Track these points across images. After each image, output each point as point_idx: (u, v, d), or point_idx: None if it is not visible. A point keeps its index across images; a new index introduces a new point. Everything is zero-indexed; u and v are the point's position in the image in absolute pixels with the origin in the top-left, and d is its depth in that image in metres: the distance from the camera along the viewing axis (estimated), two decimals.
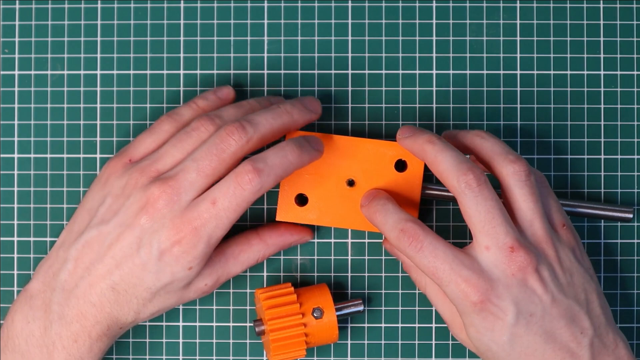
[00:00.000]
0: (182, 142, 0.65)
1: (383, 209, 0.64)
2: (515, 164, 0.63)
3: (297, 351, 0.67)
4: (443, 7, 0.72)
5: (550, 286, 0.61)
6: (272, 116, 0.65)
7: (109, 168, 0.66)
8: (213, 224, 0.63)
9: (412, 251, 0.62)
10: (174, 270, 0.63)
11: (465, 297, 0.61)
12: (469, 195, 0.62)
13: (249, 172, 0.62)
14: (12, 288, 0.72)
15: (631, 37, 0.72)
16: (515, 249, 0.61)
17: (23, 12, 0.72)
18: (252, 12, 0.72)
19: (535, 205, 0.63)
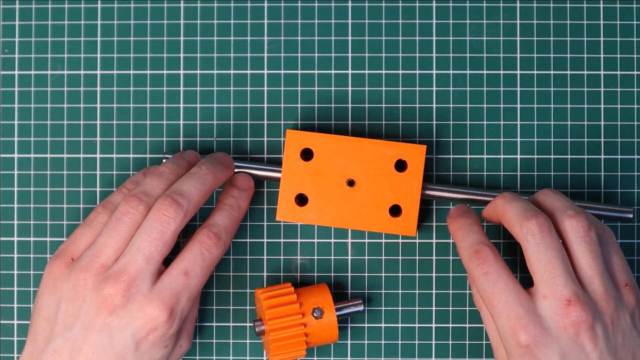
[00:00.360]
0: (116, 230, 0.63)
1: (468, 228, 0.65)
2: (573, 219, 0.63)
3: (297, 351, 0.67)
4: (443, 7, 0.72)
5: (601, 346, 0.61)
6: (199, 182, 0.65)
7: (53, 271, 0.64)
8: (186, 296, 0.63)
9: (477, 272, 0.62)
10: (152, 354, 0.63)
11: (513, 335, 0.61)
12: (531, 242, 0.62)
13: (211, 237, 0.64)
14: (12, 288, 0.72)
15: (631, 37, 0.72)
16: (572, 303, 0.60)
17: (23, 12, 0.72)
18: (252, 12, 0.72)
19: (595, 261, 0.62)
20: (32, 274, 0.72)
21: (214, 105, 0.72)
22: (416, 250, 0.71)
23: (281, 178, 0.68)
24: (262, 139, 0.72)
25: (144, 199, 0.64)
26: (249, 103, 0.72)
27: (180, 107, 0.72)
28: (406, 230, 0.68)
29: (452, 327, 0.71)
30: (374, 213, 0.68)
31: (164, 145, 0.72)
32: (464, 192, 0.69)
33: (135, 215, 0.64)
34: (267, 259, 0.72)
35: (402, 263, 0.71)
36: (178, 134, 0.72)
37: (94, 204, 0.72)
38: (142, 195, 0.64)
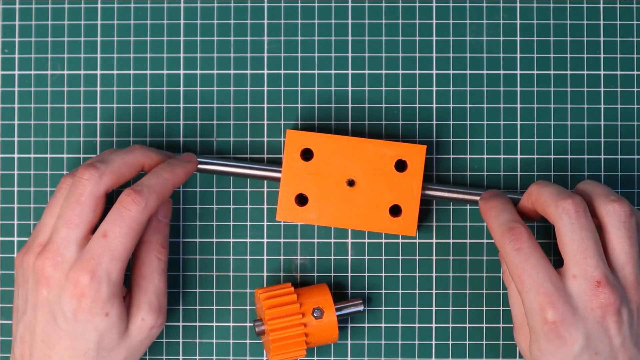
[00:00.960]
0: (51, 208, 0.65)
1: (501, 207, 0.65)
2: (616, 203, 0.63)
3: (297, 351, 0.67)
4: (443, 7, 0.72)
5: (625, 331, 0.61)
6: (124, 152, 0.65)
7: (15, 263, 0.66)
8: (108, 257, 0.62)
9: (510, 248, 0.62)
10: (95, 324, 0.62)
11: (540, 311, 0.61)
12: (566, 221, 0.62)
13: (129, 194, 0.63)
14: (12, 288, 0.72)
15: (631, 37, 0.72)
16: (602, 285, 0.60)
17: (23, 12, 0.72)
18: (252, 12, 0.72)
19: (631, 249, 0.62)
20: None
21: (214, 105, 0.72)
22: (416, 250, 0.71)
23: (281, 178, 0.68)
24: (262, 139, 0.72)
25: (72, 173, 0.65)
26: (249, 103, 0.72)
27: (180, 107, 0.72)
28: (406, 230, 0.68)
29: (452, 327, 0.71)
30: (374, 213, 0.68)
31: (164, 145, 0.72)
32: (464, 192, 0.69)
33: (65, 189, 0.65)
34: (267, 259, 0.72)
35: (402, 263, 0.71)
36: (178, 134, 0.72)
37: None
38: (73, 171, 0.66)
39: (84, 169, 0.63)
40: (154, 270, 0.66)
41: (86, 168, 0.63)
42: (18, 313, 0.65)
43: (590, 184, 0.66)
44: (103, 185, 0.63)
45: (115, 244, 0.62)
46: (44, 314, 0.63)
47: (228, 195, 0.71)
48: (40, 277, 0.63)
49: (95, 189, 0.63)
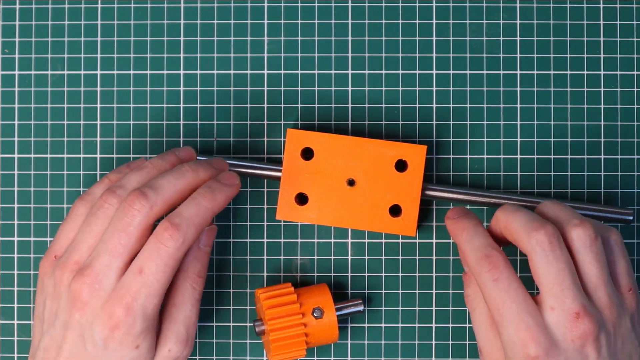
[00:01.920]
0: (91, 225, 0.63)
1: (473, 229, 0.64)
2: (579, 227, 0.62)
3: (297, 351, 0.67)
4: (443, 7, 0.72)
5: (604, 353, 0.61)
6: (175, 177, 0.63)
7: (41, 270, 0.65)
8: (144, 293, 0.61)
9: (487, 278, 0.61)
10: (123, 354, 0.62)
11: (522, 347, 0.60)
12: (540, 254, 0.61)
13: (167, 229, 0.61)
14: (12, 288, 0.72)
15: (631, 37, 0.72)
16: (580, 316, 0.60)
17: (23, 12, 0.72)
18: (252, 12, 0.72)
19: (600, 271, 0.62)
20: (32, 274, 0.72)
21: (214, 105, 0.72)
22: (416, 250, 0.71)
23: (281, 177, 0.68)
24: (262, 139, 0.72)
25: (118, 193, 0.63)
26: (249, 103, 0.72)
27: (181, 107, 0.72)
28: (406, 230, 0.68)
29: (452, 327, 0.71)
30: (374, 213, 0.68)
31: (164, 145, 0.72)
32: (464, 192, 0.69)
33: (109, 209, 0.63)
34: (267, 259, 0.72)
35: (402, 263, 0.71)
36: (178, 134, 0.72)
37: None
38: (118, 190, 0.63)
39: (134, 198, 0.61)
40: (187, 300, 0.64)
41: (137, 197, 0.61)
42: (44, 324, 0.64)
43: (550, 207, 0.65)
44: (153, 216, 0.62)
45: (151, 280, 0.61)
46: (73, 336, 0.62)
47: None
48: (75, 300, 0.62)
49: (144, 220, 0.62)
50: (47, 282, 0.64)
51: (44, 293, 0.64)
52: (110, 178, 0.66)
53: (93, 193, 0.66)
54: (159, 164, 0.65)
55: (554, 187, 0.71)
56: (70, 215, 0.65)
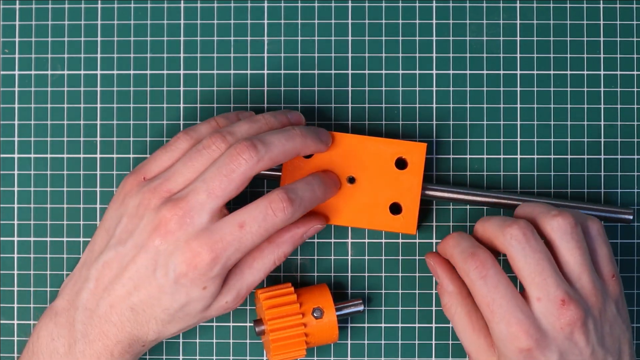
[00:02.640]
0: (193, 161, 0.64)
1: (458, 237, 0.65)
2: (559, 217, 0.63)
3: (297, 351, 0.67)
4: (443, 7, 0.72)
5: (592, 339, 0.62)
6: (286, 137, 0.64)
7: (125, 186, 0.66)
8: (234, 247, 0.62)
9: (475, 275, 0.62)
10: (189, 292, 0.63)
11: (513, 340, 0.61)
12: (516, 247, 0.62)
13: (284, 201, 0.63)
14: (12, 288, 0.72)
15: (631, 37, 0.72)
16: (566, 303, 0.61)
17: (23, 12, 0.72)
18: (252, 12, 0.72)
19: (582, 258, 0.63)
20: (32, 274, 0.72)
21: (214, 106, 0.72)
22: (416, 250, 0.71)
23: (281, 175, 0.68)
24: None
25: (227, 139, 0.64)
26: (249, 103, 0.72)
27: (181, 107, 0.72)
28: (406, 228, 0.68)
29: (452, 327, 0.71)
30: (374, 211, 0.68)
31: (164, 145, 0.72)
32: (464, 192, 0.69)
33: (215, 151, 0.64)
34: None
35: (402, 263, 0.71)
36: None
37: (94, 204, 0.72)
38: (228, 135, 0.64)
39: (245, 147, 0.62)
40: (263, 270, 0.66)
41: (247, 147, 0.62)
42: (112, 239, 0.65)
43: (527, 206, 0.66)
44: (257, 169, 0.63)
45: (247, 238, 0.63)
46: (146, 259, 0.63)
47: None
48: (160, 226, 0.62)
49: (249, 171, 0.63)
50: (129, 201, 0.65)
51: (120, 209, 0.65)
52: (218, 121, 0.67)
53: (199, 131, 0.66)
54: (271, 120, 0.66)
55: (554, 187, 0.71)
56: (170, 145, 0.66)
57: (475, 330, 0.65)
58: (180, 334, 0.71)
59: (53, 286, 0.72)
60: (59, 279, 0.72)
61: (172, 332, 0.65)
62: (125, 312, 0.64)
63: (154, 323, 0.64)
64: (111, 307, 0.64)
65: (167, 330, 0.65)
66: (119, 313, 0.64)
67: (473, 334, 0.65)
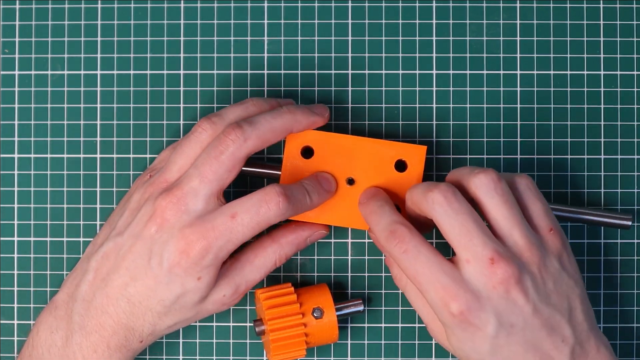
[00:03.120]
0: (183, 148, 0.65)
1: (379, 210, 0.64)
2: (481, 174, 0.62)
3: (297, 351, 0.67)
4: (443, 7, 0.72)
5: (532, 296, 0.60)
6: (272, 115, 0.65)
7: (133, 186, 0.68)
8: (226, 237, 0.63)
9: (396, 252, 0.61)
10: (184, 282, 0.63)
11: (444, 306, 0.60)
12: (439, 211, 0.61)
13: (280, 195, 0.63)
14: (12, 288, 0.72)
15: (631, 37, 0.72)
16: (495, 261, 0.60)
17: (23, 12, 0.72)
18: (252, 12, 0.72)
19: (510, 212, 0.62)
20: (32, 274, 0.72)
21: (214, 106, 0.72)
22: None
23: (281, 175, 0.68)
24: None
25: (213, 120, 0.65)
26: None
27: (181, 107, 0.72)
28: None
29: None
30: None
31: (164, 145, 0.72)
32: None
33: (202, 135, 0.65)
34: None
35: None
36: (178, 134, 0.72)
37: (94, 204, 0.72)
38: (215, 118, 0.65)
39: (230, 129, 0.63)
40: (264, 268, 0.67)
41: (233, 128, 0.63)
42: (113, 230, 0.66)
43: (455, 170, 0.65)
44: (246, 149, 0.63)
45: (238, 230, 0.63)
46: (141, 248, 0.64)
47: (228, 195, 0.71)
48: (156, 214, 0.63)
49: (237, 152, 0.63)
50: (134, 197, 0.66)
51: (125, 205, 0.66)
52: None
53: None
54: (260, 103, 0.67)
55: (554, 187, 0.71)
56: (176, 144, 0.68)
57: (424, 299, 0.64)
58: (180, 333, 0.71)
59: (53, 286, 0.72)
60: (59, 279, 0.72)
61: (168, 325, 0.65)
62: (122, 303, 0.64)
63: (150, 315, 0.64)
64: (108, 298, 0.64)
65: (164, 323, 0.65)
66: (115, 304, 0.64)
67: (424, 302, 0.65)
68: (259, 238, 0.68)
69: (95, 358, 0.64)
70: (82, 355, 0.64)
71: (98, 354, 0.64)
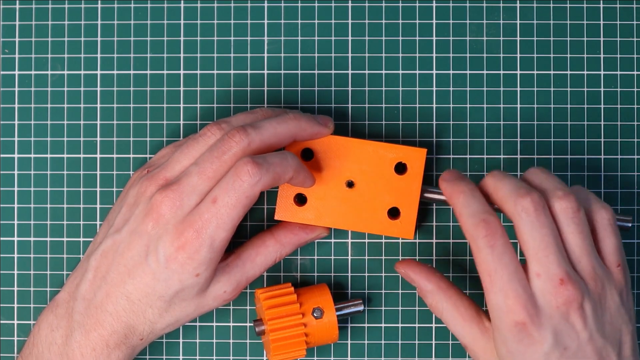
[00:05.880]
0: (189, 148, 0.65)
1: (470, 193, 0.64)
2: (563, 200, 0.63)
3: (297, 351, 0.67)
4: (443, 7, 0.72)
5: (590, 324, 0.62)
6: (277, 121, 0.65)
7: (130, 180, 0.68)
8: (214, 223, 0.63)
9: (483, 243, 0.62)
10: (182, 278, 0.64)
11: (509, 313, 0.61)
12: (525, 220, 0.62)
13: (247, 164, 0.62)
14: (12, 288, 0.72)
15: (631, 37, 0.72)
16: (564, 282, 0.61)
17: (23, 12, 0.72)
18: (252, 12, 0.72)
19: (583, 242, 0.63)
20: (32, 274, 0.72)
21: (214, 106, 0.72)
22: (416, 250, 0.71)
23: None
24: None
25: (224, 128, 0.65)
26: (249, 103, 0.72)
27: (181, 107, 0.72)
28: (404, 233, 0.68)
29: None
30: (373, 215, 0.68)
31: (164, 145, 0.72)
32: None
33: (211, 139, 0.65)
34: None
35: None
36: (178, 134, 0.72)
37: (94, 204, 0.72)
38: (223, 124, 0.66)
39: (235, 131, 0.63)
40: (264, 264, 0.67)
41: (238, 130, 0.63)
42: (111, 228, 0.66)
43: (538, 175, 0.65)
44: (249, 152, 0.64)
45: (222, 212, 0.63)
46: (139, 244, 0.64)
47: None
48: (153, 210, 0.63)
49: (240, 153, 0.63)
50: (130, 191, 0.66)
51: (122, 201, 0.66)
52: None
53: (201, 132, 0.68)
54: (268, 112, 0.67)
55: None
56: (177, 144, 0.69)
57: (467, 320, 0.65)
58: (180, 333, 0.71)
59: (53, 286, 0.72)
60: (59, 279, 0.72)
61: (168, 322, 0.65)
62: (121, 301, 0.64)
63: (149, 312, 0.64)
64: (107, 296, 0.64)
65: (164, 320, 0.65)
66: (115, 302, 0.64)
67: (465, 324, 0.65)
68: (260, 235, 0.68)
69: (94, 356, 0.64)
70: (81, 353, 0.64)
71: (97, 352, 0.64)
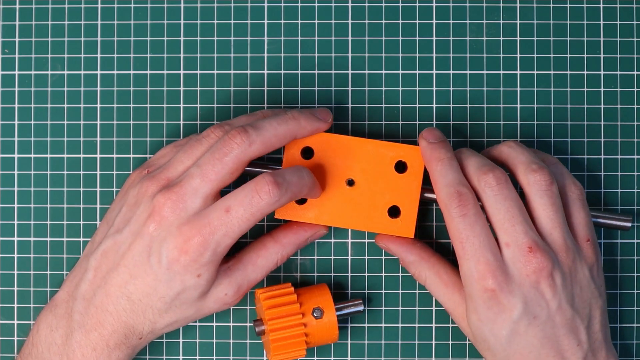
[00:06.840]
0: (192, 149, 0.65)
1: (448, 163, 0.65)
2: (536, 173, 0.64)
3: (297, 351, 0.67)
4: (443, 7, 0.72)
5: (559, 294, 0.63)
6: (277, 121, 0.65)
7: (129, 179, 0.68)
8: (222, 231, 0.63)
9: (455, 212, 0.63)
10: (184, 279, 0.64)
11: (480, 279, 0.63)
12: (489, 194, 0.64)
13: (269, 184, 0.63)
14: (12, 288, 0.72)
15: (631, 37, 0.72)
16: (533, 250, 0.62)
17: (23, 12, 0.72)
18: (252, 12, 0.72)
19: (555, 214, 0.64)
20: (32, 274, 0.72)
21: (214, 106, 0.72)
22: None
23: None
24: None
25: (225, 128, 0.66)
26: (249, 103, 0.72)
27: (180, 107, 0.72)
28: (404, 231, 0.68)
29: (452, 327, 0.71)
30: (373, 213, 0.68)
31: (164, 145, 0.72)
32: None
33: (213, 139, 0.65)
34: None
35: None
36: (178, 134, 0.72)
37: (94, 204, 0.72)
38: (225, 125, 0.66)
39: (236, 132, 0.64)
40: (266, 267, 0.67)
41: (239, 132, 0.64)
42: (111, 227, 0.66)
43: (513, 149, 0.67)
44: (250, 153, 0.64)
45: (234, 223, 0.63)
46: (141, 246, 0.64)
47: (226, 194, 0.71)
48: (155, 212, 0.63)
49: (241, 155, 0.64)
50: (130, 191, 0.66)
51: (122, 201, 0.66)
52: None
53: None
54: (268, 113, 0.68)
55: None
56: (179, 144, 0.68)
57: (449, 286, 0.67)
58: (180, 333, 0.71)
59: (53, 286, 0.72)
60: (59, 279, 0.72)
61: (168, 323, 0.65)
62: (122, 300, 0.64)
63: (150, 313, 0.65)
64: (107, 296, 0.64)
65: (164, 320, 0.65)
66: (115, 302, 0.64)
67: (447, 290, 0.67)
68: (261, 238, 0.68)
69: (95, 356, 0.64)
70: (82, 353, 0.64)
71: (97, 352, 0.64)
